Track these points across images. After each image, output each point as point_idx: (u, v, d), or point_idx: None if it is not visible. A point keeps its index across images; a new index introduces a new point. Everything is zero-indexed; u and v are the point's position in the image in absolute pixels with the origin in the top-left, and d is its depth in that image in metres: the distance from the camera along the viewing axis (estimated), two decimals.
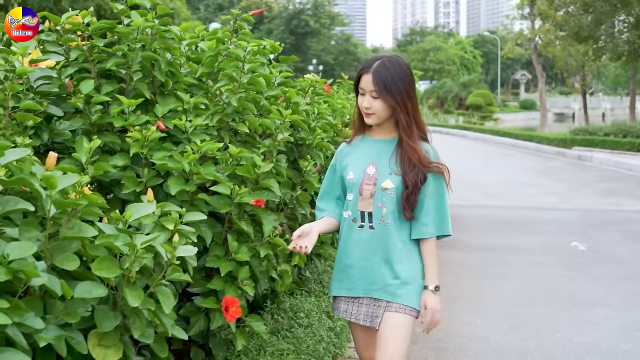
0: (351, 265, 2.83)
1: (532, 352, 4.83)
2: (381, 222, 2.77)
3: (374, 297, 2.80)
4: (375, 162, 2.82)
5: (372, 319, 2.81)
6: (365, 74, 2.75)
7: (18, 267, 1.96)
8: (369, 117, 2.79)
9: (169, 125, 3.20)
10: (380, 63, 2.73)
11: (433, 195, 2.79)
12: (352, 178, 2.83)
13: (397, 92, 2.71)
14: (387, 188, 2.76)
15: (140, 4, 3.43)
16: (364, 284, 2.81)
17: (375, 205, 2.77)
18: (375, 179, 2.78)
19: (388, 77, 2.71)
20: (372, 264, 2.79)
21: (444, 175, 2.82)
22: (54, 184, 2.19)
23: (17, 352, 1.92)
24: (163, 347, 2.58)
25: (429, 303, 2.78)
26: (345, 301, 2.89)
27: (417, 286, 2.80)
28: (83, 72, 3.37)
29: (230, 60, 3.34)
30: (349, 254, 2.84)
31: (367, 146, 2.89)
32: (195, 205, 3.01)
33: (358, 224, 2.81)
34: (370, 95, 2.74)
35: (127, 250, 2.29)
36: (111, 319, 2.32)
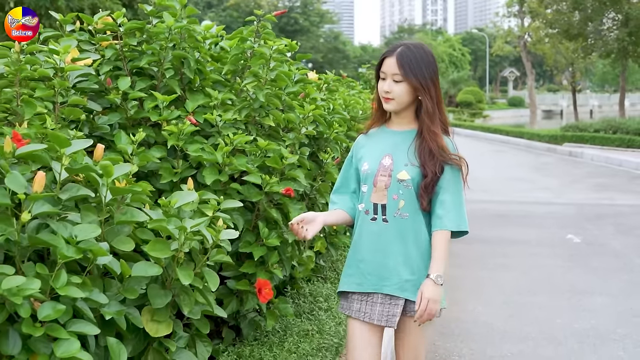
0: (362, 260, 2.71)
1: (534, 336, 5.06)
2: (397, 215, 2.65)
3: (388, 294, 2.66)
4: (391, 153, 2.70)
5: (387, 318, 2.65)
6: (388, 57, 2.64)
7: (87, 247, 2.15)
8: (388, 102, 2.67)
9: (199, 120, 3.39)
10: (405, 47, 2.65)
11: (449, 188, 2.66)
12: (366, 169, 2.72)
13: (422, 76, 2.60)
14: (403, 179, 2.64)
15: (170, 5, 3.61)
16: (375, 279, 2.67)
17: (390, 198, 2.65)
18: (391, 170, 2.66)
19: (412, 59, 2.60)
20: (384, 258, 2.66)
21: (461, 169, 2.71)
22: (110, 172, 2.39)
23: (87, 323, 2.12)
24: (205, 324, 2.78)
25: (426, 291, 2.56)
26: (358, 300, 2.72)
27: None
28: (115, 70, 3.56)
29: (257, 59, 3.54)
30: (361, 247, 2.72)
31: (385, 137, 2.77)
32: (228, 194, 3.20)
33: (370, 217, 2.69)
34: (392, 79, 2.62)
35: (176, 234, 2.49)
36: (162, 297, 2.52)
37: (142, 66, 3.50)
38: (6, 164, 2.14)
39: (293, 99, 3.90)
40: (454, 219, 2.66)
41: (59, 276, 2.06)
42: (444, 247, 2.64)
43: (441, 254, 2.63)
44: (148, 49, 3.49)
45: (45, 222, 2.20)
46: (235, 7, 71.83)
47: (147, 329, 2.49)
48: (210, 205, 2.76)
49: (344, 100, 5.02)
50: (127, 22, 3.59)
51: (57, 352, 1.96)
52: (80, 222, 2.30)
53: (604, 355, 4.65)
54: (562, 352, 4.74)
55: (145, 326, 2.49)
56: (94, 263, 2.24)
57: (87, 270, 2.27)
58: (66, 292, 2.04)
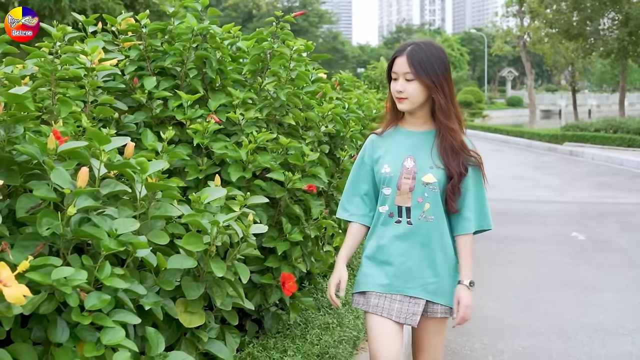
0: (387, 262, 2.69)
1: (544, 331, 5.15)
2: (421, 218, 2.64)
3: (409, 295, 2.67)
4: (413, 155, 2.67)
5: (407, 316, 2.67)
6: (399, 57, 2.62)
7: (127, 240, 2.24)
8: (401, 102, 2.64)
9: (221, 118, 3.48)
10: (415, 45, 2.63)
11: (472, 188, 2.68)
12: (388, 172, 2.68)
13: (433, 73, 2.58)
14: (429, 182, 2.62)
15: (192, 7, 3.70)
16: (398, 281, 2.67)
17: (415, 200, 2.64)
18: (415, 172, 2.64)
19: (423, 57, 2.58)
20: (410, 260, 2.66)
21: (481, 166, 2.71)
22: (146, 168, 2.48)
23: (128, 313, 2.21)
24: (234, 316, 2.86)
25: (463, 299, 2.65)
26: (376, 296, 2.70)
27: (456, 282, 2.71)
28: (138, 70, 3.65)
29: (278, 59, 3.63)
30: (385, 250, 2.70)
31: (402, 138, 2.74)
32: (252, 190, 3.29)
33: (395, 219, 2.67)
34: (404, 78, 2.60)
35: (209, 228, 2.58)
36: (195, 289, 2.60)
37: (165, 66, 3.59)
38: (50, 161, 2.22)
39: (311, 98, 3.98)
40: (478, 219, 2.72)
41: (103, 268, 2.15)
42: (470, 250, 2.71)
43: (470, 259, 2.71)
44: (171, 49, 3.57)
45: (86, 216, 2.29)
46: (234, 7, 72.00)
47: (181, 319, 2.58)
48: (238, 201, 2.85)
49: (358, 100, 5.12)
50: (150, 23, 3.67)
51: (103, 339, 2.05)
52: (117, 217, 2.39)
53: (613, 349, 4.74)
54: (572, 345, 4.83)
55: (179, 317, 2.58)
56: (133, 255, 2.33)
57: (126, 263, 2.36)
58: (111, 282, 2.12)
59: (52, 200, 2.18)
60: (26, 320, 2.13)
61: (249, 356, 3.16)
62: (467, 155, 2.67)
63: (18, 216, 2.18)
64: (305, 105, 3.90)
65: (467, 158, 2.67)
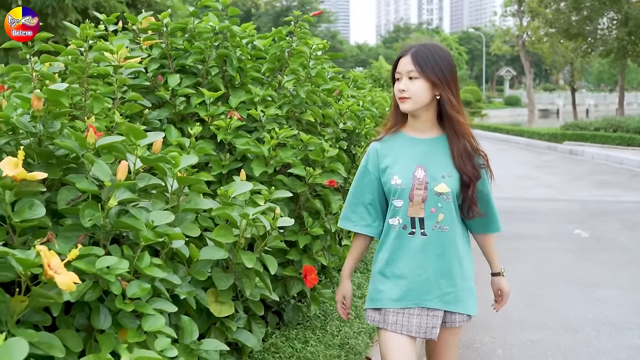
0: (402, 275, 2.61)
1: (551, 325, 5.24)
2: (436, 229, 2.57)
3: (427, 307, 2.60)
4: (422, 163, 2.59)
5: (427, 330, 2.60)
6: (403, 57, 2.57)
7: (163, 231, 2.32)
8: (404, 101, 2.56)
9: (242, 115, 3.56)
10: (420, 45, 2.58)
11: (486, 189, 2.69)
12: (399, 183, 2.58)
13: (439, 71, 2.52)
14: (442, 192, 2.55)
15: (213, 6, 3.78)
16: (415, 294, 2.59)
17: (428, 211, 2.56)
18: (426, 182, 2.56)
19: (428, 55, 2.53)
20: (426, 272, 2.59)
21: (488, 164, 2.67)
22: (178, 163, 2.56)
23: (165, 301, 2.29)
24: (260, 307, 2.95)
25: (504, 288, 2.94)
26: (394, 313, 2.62)
27: (470, 289, 2.69)
28: (160, 68, 3.73)
29: (298, 57, 3.71)
30: (399, 263, 2.62)
31: (409, 146, 2.65)
32: (273, 185, 3.37)
33: (408, 231, 2.59)
34: (408, 77, 2.54)
35: (238, 220, 2.66)
36: (225, 280, 2.69)
37: (186, 64, 3.67)
38: (90, 155, 2.31)
39: (328, 95, 4.07)
40: (497, 220, 2.83)
41: (143, 257, 2.23)
42: (494, 246, 2.90)
43: (495, 252, 2.91)
44: (193, 48, 3.65)
45: (124, 208, 2.37)
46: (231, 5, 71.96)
47: (211, 309, 2.66)
48: (262, 195, 2.93)
49: (372, 98, 5.21)
50: (171, 22, 3.75)
51: (144, 326, 2.13)
52: (151, 210, 2.47)
53: (620, 343, 4.83)
54: (579, 339, 4.93)
55: (210, 307, 2.66)
56: (168, 246, 2.41)
57: (161, 254, 2.44)
58: (151, 272, 2.20)
59: (93, 193, 2.26)
60: (68, 308, 2.21)
61: (272, 346, 3.25)
62: (478, 154, 2.63)
63: (59, 208, 2.26)
64: (322, 102, 3.98)
65: (478, 158, 2.62)
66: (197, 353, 2.40)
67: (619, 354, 4.63)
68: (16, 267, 1.85)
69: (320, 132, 3.82)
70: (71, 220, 2.31)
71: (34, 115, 2.40)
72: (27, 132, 2.36)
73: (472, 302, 2.71)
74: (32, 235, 2.19)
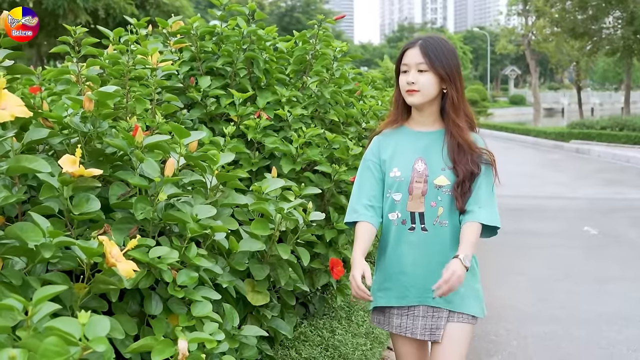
0: (403, 272, 2.55)
1: (562, 318, 5.39)
2: (436, 223, 2.51)
3: (432, 306, 2.53)
4: (423, 156, 2.55)
5: (431, 331, 2.53)
6: (410, 49, 2.53)
7: (207, 224, 2.48)
8: (412, 94, 2.51)
9: (270, 115, 3.72)
10: (427, 37, 2.55)
11: (483, 185, 2.53)
12: (398, 176, 2.55)
13: (447, 65, 2.49)
14: (442, 185, 2.50)
15: (240, 11, 3.95)
16: (418, 291, 2.53)
17: (428, 205, 2.51)
18: (426, 175, 2.52)
19: (437, 48, 2.49)
20: (428, 269, 2.51)
21: (493, 164, 2.57)
22: (217, 160, 2.73)
23: (210, 290, 2.45)
24: (292, 297, 3.11)
25: (453, 265, 2.35)
26: (398, 315, 2.59)
27: (476, 291, 2.59)
28: (189, 70, 3.89)
29: (322, 59, 3.87)
30: (400, 259, 2.56)
31: (410, 139, 2.61)
32: (301, 182, 3.53)
33: (408, 226, 2.54)
34: (417, 69, 2.49)
35: (274, 214, 2.82)
36: (261, 270, 2.85)
37: (215, 66, 3.83)
38: (140, 152, 2.47)
39: (349, 95, 4.23)
40: (488, 214, 2.50)
41: (190, 248, 2.40)
42: (475, 234, 2.46)
43: (471, 239, 2.44)
44: (222, 51, 3.82)
45: (169, 202, 2.53)
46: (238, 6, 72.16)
47: (248, 298, 2.82)
48: (293, 191, 3.09)
49: (390, 98, 5.37)
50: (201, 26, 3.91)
51: (193, 312, 2.30)
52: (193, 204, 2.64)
53: (631, 335, 4.98)
54: (591, 331, 5.08)
55: (247, 295, 2.82)
56: (211, 238, 2.58)
57: (205, 245, 2.60)
58: (198, 261, 2.37)
59: (144, 188, 2.42)
60: (121, 296, 2.37)
61: (302, 335, 3.41)
62: (478, 153, 2.53)
63: (111, 202, 2.42)
64: (345, 102, 4.14)
65: (479, 156, 2.53)
66: (238, 338, 2.57)
67: (631, 344, 4.78)
68: (80, 255, 2.01)
69: (343, 130, 3.98)
70: (121, 213, 2.48)
71: (84, 115, 2.55)
72: (78, 132, 2.52)
73: (477, 304, 2.58)
74: (88, 227, 2.35)
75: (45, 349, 1.43)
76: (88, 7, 19.63)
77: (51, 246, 1.90)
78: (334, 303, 3.83)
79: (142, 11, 21.73)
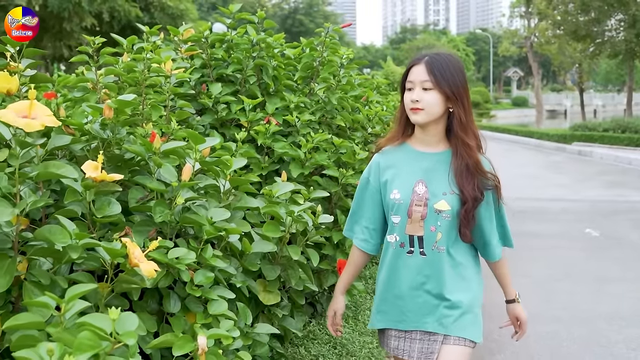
0: (400, 296, 2.51)
1: (565, 319, 5.50)
2: (434, 249, 2.45)
3: (428, 331, 2.49)
4: (424, 179, 2.48)
5: (426, 355, 2.49)
6: (416, 65, 2.45)
7: (222, 227, 2.60)
8: (417, 113, 2.42)
9: (279, 120, 3.84)
10: (434, 54, 2.47)
11: (494, 213, 2.53)
12: (398, 198, 2.48)
13: (454, 84, 2.41)
14: (442, 210, 2.43)
15: (250, 19, 4.07)
16: (416, 316, 2.50)
17: (427, 230, 2.44)
18: (426, 198, 2.44)
19: (443, 65, 2.41)
20: (425, 294, 2.48)
21: (498, 190, 2.52)
22: (231, 165, 2.85)
23: (225, 289, 2.57)
24: (302, 296, 3.23)
25: (521, 316, 2.76)
26: (396, 337, 2.55)
27: (474, 316, 2.53)
28: (200, 77, 4.02)
29: (329, 66, 4.00)
30: (398, 283, 2.52)
31: (412, 159, 2.53)
32: (309, 185, 3.65)
33: (406, 250, 2.48)
34: (422, 87, 2.41)
35: (284, 217, 2.94)
36: (272, 271, 2.97)
37: (225, 73, 3.95)
38: (158, 158, 2.59)
39: (356, 101, 4.35)
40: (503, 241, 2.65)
41: (206, 250, 2.51)
42: (507, 271, 2.73)
43: (508, 278, 2.74)
44: (232, 58, 3.94)
45: (186, 205, 2.65)
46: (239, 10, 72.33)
47: (260, 297, 2.94)
48: (302, 194, 3.21)
49: (395, 103, 5.49)
50: (210, 34, 4.03)
51: (210, 310, 2.41)
52: (207, 208, 2.75)
53: (630, 334, 5.09)
54: (592, 330, 5.19)
55: (259, 295, 2.94)
56: (226, 240, 2.70)
57: (220, 247, 2.72)
58: (214, 262, 2.48)
59: (161, 192, 2.54)
60: (141, 295, 2.48)
61: (310, 333, 3.53)
62: (484, 177, 2.46)
63: (130, 206, 2.54)
64: (351, 108, 4.26)
65: (483, 180, 2.46)
66: (251, 336, 2.69)
67: (630, 343, 4.89)
68: (104, 256, 2.12)
69: (350, 135, 4.10)
70: (139, 217, 2.60)
71: (103, 122, 2.67)
72: (98, 138, 2.64)
73: (476, 329, 2.53)
74: (109, 230, 2.47)
75: (79, 343, 1.55)
76: (92, 10, 19.75)
77: (77, 247, 2.00)
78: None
79: (146, 14, 21.89)
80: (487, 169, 2.48)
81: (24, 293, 2.03)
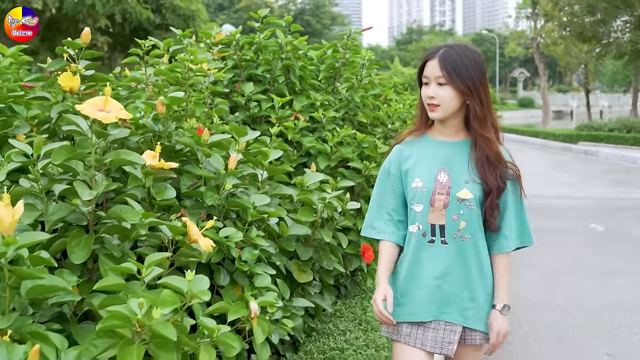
0: (421, 286, 2.45)
1: (570, 309, 5.80)
2: (457, 237, 2.42)
3: (445, 321, 2.44)
4: (446, 167, 2.46)
5: (442, 345, 2.44)
6: (430, 60, 2.42)
7: (264, 210, 2.91)
8: (434, 110, 2.42)
9: (305, 117, 4.15)
10: (448, 47, 2.43)
11: (511, 203, 2.48)
12: (420, 186, 2.45)
13: (468, 77, 2.37)
14: (465, 199, 2.41)
15: (277, 23, 4.39)
16: (433, 306, 2.44)
17: (450, 218, 2.42)
18: (449, 187, 2.42)
19: (457, 59, 2.38)
20: (444, 284, 2.43)
21: (519, 179, 2.51)
22: (268, 156, 3.16)
23: (267, 266, 2.87)
24: (330, 277, 3.53)
25: (495, 325, 2.43)
26: (409, 324, 2.48)
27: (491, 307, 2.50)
28: (233, 77, 4.33)
29: (352, 67, 4.31)
30: (419, 273, 2.46)
31: (433, 149, 2.52)
32: (335, 177, 3.96)
33: (428, 239, 2.45)
34: (436, 82, 2.39)
35: (317, 203, 3.25)
36: (306, 252, 3.27)
37: (255, 73, 4.27)
38: (207, 149, 2.90)
39: (375, 99, 4.66)
40: (519, 236, 2.53)
41: (251, 230, 2.82)
42: (508, 269, 2.51)
43: (506, 280, 2.50)
44: (261, 60, 4.25)
45: (230, 191, 2.95)
46: (246, 9, 72.80)
47: (295, 276, 3.25)
48: (330, 184, 3.51)
49: (412, 101, 5.81)
50: (241, 37, 4.35)
51: (256, 282, 2.72)
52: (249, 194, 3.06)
53: (634, 320, 5.39)
54: (597, 318, 5.48)
55: (294, 273, 3.25)
56: (267, 223, 3.01)
57: (262, 229, 3.03)
58: (258, 241, 2.79)
59: (210, 179, 2.85)
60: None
61: (337, 312, 3.84)
62: (505, 167, 2.45)
63: (182, 191, 2.85)
64: (372, 105, 4.57)
65: (505, 170, 2.45)
66: (289, 309, 2.99)
67: (633, 327, 5.19)
68: (166, 233, 2.43)
69: (371, 131, 4.41)
70: (188, 201, 2.90)
71: (155, 117, 2.98)
72: (151, 131, 2.95)
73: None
74: (164, 212, 2.78)
75: (162, 299, 1.85)
76: (105, 12, 20.10)
77: (144, 225, 2.31)
78: (363, 285, 4.25)
79: (157, 15, 22.21)
80: (508, 159, 2.49)
81: (99, 264, 2.33)
